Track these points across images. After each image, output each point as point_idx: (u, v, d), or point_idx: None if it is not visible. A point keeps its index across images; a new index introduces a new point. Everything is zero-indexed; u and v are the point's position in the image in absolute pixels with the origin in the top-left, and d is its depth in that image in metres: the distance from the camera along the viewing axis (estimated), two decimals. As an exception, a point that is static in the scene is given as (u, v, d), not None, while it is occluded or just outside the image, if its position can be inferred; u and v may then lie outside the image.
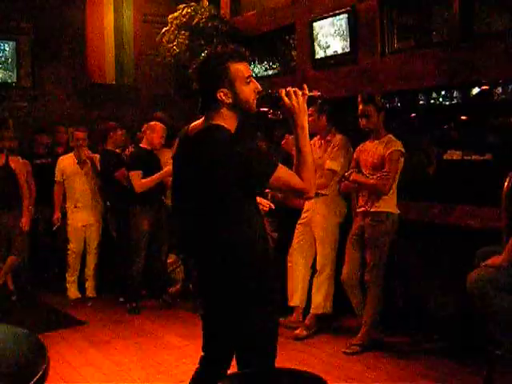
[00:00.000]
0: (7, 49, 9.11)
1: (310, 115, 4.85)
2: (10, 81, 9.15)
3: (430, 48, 5.56)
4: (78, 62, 9.47)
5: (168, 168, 6.01)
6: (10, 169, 6.63)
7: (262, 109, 2.64)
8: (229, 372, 2.79)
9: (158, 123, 6.36)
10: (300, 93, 2.56)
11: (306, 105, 2.57)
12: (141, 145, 6.44)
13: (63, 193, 6.94)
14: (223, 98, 2.53)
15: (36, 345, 2.00)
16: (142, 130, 6.59)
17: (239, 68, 2.55)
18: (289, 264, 5.58)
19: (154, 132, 6.30)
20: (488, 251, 3.81)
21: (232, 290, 2.54)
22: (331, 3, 6.29)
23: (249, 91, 2.57)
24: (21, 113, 9.12)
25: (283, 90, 2.58)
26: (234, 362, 2.75)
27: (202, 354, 2.89)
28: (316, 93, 2.64)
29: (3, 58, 9.12)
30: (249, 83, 2.58)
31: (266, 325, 2.59)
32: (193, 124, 2.69)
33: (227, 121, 2.56)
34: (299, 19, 6.83)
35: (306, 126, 2.57)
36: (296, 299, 5.45)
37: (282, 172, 2.49)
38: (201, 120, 2.66)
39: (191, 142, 2.62)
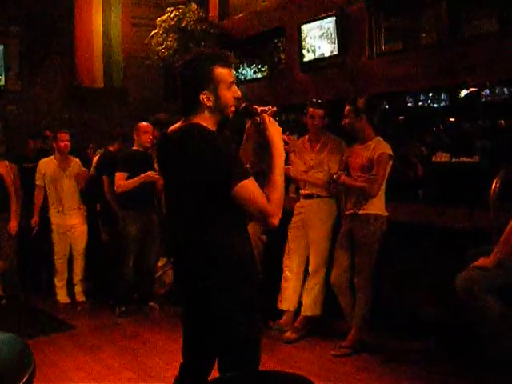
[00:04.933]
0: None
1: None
2: (-2, 84, 9.12)
3: (418, 50, 5.58)
4: (66, 65, 9.45)
5: (149, 172, 6.02)
6: (-4, 173, 6.59)
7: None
8: (210, 378, 2.75)
9: (144, 123, 6.31)
10: (268, 119, 2.64)
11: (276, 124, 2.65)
12: (133, 147, 6.39)
13: (45, 196, 6.82)
14: (205, 100, 2.53)
15: (22, 349, 1.98)
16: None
17: (223, 72, 2.56)
18: (284, 268, 5.52)
19: (140, 132, 6.27)
20: (479, 252, 3.81)
21: (214, 295, 2.50)
22: (319, 6, 6.31)
23: (229, 96, 2.58)
24: (10, 116, 9.10)
25: (264, 114, 2.65)
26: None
27: (182, 360, 2.85)
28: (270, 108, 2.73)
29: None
30: (230, 88, 2.58)
31: (248, 329, 2.55)
32: (172, 127, 2.68)
33: (207, 122, 2.55)
34: (287, 22, 6.84)
35: (281, 145, 2.60)
36: (287, 302, 5.43)
37: (251, 185, 2.41)
38: (179, 122, 2.65)
39: (170, 141, 2.62)
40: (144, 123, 6.31)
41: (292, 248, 5.46)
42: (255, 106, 2.69)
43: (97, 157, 7.12)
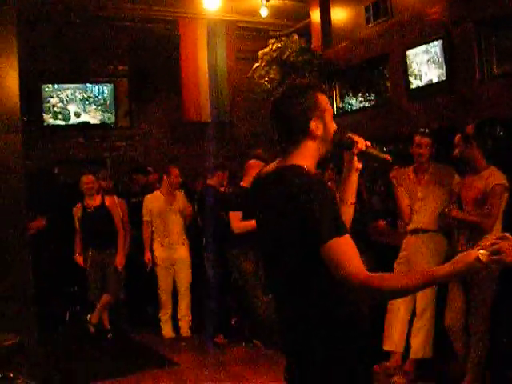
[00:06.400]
0: (106, 91, 9.44)
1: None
2: (109, 122, 9.46)
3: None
4: (173, 101, 9.65)
5: None
6: (105, 208, 6.76)
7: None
8: None
9: (257, 161, 6.21)
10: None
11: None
12: (242, 183, 6.29)
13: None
14: (314, 129, 2.27)
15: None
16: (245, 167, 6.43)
17: (326, 99, 2.33)
18: (389, 306, 5.22)
19: (255, 170, 6.14)
20: None
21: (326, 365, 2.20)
22: (424, 30, 6.05)
23: (333, 126, 2.34)
24: (119, 152, 9.38)
25: (362, 142, 2.42)
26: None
27: None
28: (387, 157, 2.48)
29: (102, 101, 9.45)
30: (331, 118, 2.36)
31: None
32: (267, 167, 2.42)
33: (309, 158, 2.29)
34: (392, 48, 6.61)
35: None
36: (392, 343, 5.12)
37: (344, 244, 2.05)
38: (276, 161, 2.38)
39: (262, 185, 2.36)
40: (259, 162, 6.17)
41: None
42: (350, 135, 2.43)
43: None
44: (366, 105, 7.72)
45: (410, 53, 6.19)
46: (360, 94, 7.83)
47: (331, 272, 2.04)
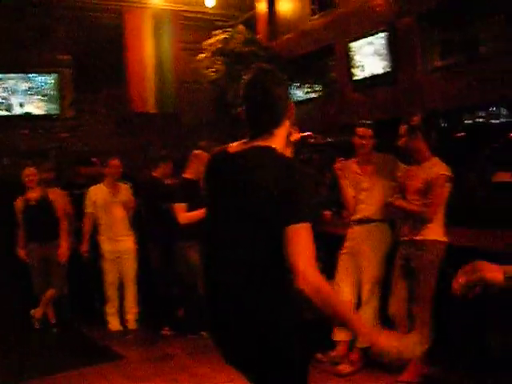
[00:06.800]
0: (50, 82, 9.24)
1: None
2: (53, 113, 9.27)
3: (475, 64, 5.30)
4: (118, 92, 9.51)
5: None
6: (47, 201, 6.63)
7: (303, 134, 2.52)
8: None
9: (203, 152, 6.17)
10: None
11: None
12: (185, 175, 6.25)
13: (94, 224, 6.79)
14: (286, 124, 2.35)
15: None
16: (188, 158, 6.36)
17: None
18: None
19: (202, 161, 6.10)
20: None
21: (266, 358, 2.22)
22: (368, 22, 6.11)
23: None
24: (63, 144, 9.20)
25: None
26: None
27: None
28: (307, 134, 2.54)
29: (46, 91, 9.25)
30: None
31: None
32: (231, 145, 2.37)
33: (281, 145, 2.30)
34: (336, 40, 6.66)
35: None
36: (341, 333, 5.17)
37: (308, 233, 2.07)
38: (241, 142, 2.35)
39: (231, 161, 2.31)
40: (206, 154, 6.13)
41: (339, 276, 5.21)
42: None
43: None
44: (312, 96, 7.77)
45: (355, 45, 6.25)
46: (306, 85, 7.87)
47: (285, 255, 2.05)
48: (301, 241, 2.04)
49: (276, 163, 2.17)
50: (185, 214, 5.99)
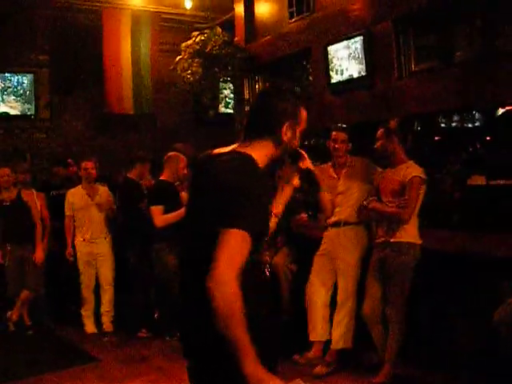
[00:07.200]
0: (26, 82, 9.18)
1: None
2: (28, 113, 9.21)
3: (451, 69, 5.37)
4: (95, 92, 9.47)
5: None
6: (22, 202, 6.58)
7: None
8: None
9: (180, 154, 6.16)
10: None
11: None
12: (161, 177, 6.23)
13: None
14: (283, 132, 2.32)
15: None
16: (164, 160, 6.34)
17: (305, 116, 2.41)
18: (307, 299, 5.30)
19: (177, 163, 6.10)
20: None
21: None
22: (346, 26, 6.16)
23: (297, 141, 2.41)
24: (39, 144, 9.14)
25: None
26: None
27: None
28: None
29: (22, 91, 9.19)
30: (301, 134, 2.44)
31: None
32: (220, 149, 2.39)
33: (263, 156, 2.30)
34: (314, 43, 6.69)
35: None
36: (316, 333, 5.20)
37: (239, 240, 2.02)
38: (233, 145, 2.38)
39: (206, 166, 2.32)
40: (183, 156, 6.12)
41: (314, 278, 5.24)
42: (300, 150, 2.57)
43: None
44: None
45: (332, 48, 6.29)
46: (283, 89, 7.88)
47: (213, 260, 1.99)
48: (228, 246, 2.00)
49: (233, 169, 2.18)
50: (161, 217, 5.97)
